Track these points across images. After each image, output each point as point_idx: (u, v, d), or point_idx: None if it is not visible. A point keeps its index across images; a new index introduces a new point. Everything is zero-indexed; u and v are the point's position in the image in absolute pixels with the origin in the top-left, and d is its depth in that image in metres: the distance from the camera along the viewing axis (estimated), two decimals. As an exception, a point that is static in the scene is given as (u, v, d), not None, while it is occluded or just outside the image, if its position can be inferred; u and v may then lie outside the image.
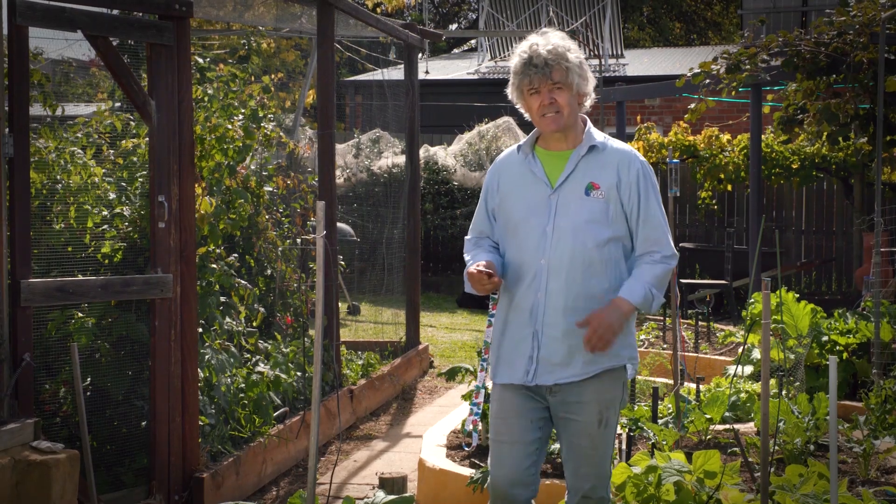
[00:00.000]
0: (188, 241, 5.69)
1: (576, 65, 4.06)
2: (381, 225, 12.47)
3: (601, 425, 4.08)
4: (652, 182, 4.14)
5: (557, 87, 4.05)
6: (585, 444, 4.08)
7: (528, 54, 4.06)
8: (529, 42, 4.09)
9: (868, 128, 10.08)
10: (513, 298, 4.15)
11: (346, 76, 23.91)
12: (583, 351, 4.03)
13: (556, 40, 4.08)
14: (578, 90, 4.09)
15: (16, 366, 4.96)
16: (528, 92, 4.08)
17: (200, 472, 5.75)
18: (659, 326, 11.22)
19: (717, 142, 15.05)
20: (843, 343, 7.76)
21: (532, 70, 4.04)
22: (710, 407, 6.60)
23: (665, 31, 34.23)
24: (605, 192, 4.06)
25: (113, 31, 5.43)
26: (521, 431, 4.11)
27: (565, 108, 4.06)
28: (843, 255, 15.30)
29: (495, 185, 4.25)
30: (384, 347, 9.99)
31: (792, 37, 9.68)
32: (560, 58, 4.03)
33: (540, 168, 4.15)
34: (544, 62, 4.02)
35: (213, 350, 6.32)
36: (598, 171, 4.10)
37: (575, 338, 4.03)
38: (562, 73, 4.03)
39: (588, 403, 4.06)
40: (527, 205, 4.12)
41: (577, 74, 4.07)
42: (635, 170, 4.10)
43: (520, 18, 22.35)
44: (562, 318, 4.05)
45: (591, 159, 4.12)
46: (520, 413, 4.12)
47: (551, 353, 4.06)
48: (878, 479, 5.76)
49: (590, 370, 4.06)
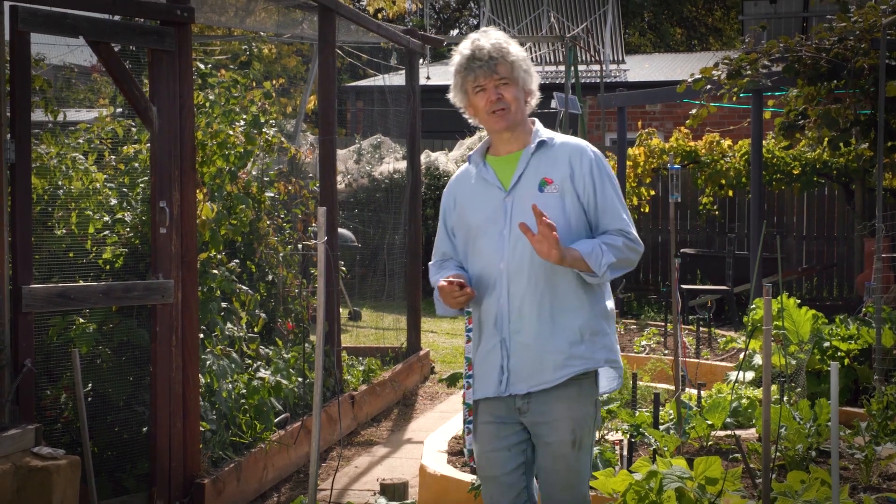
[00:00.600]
0: (189, 247, 5.69)
1: (521, 59, 3.95)
2: (383, 230, 12.47)
3: (575, 446, 3.90)
4: (606, 172, 3.97)
5: (504, 83, 3.92)
6: (560, 466, 3.92)
7: (471, 50, 3.94)
8: (470, 39, 3.97)
9: (869, 133, 10.08)
10: (480, 310, 4.00)
11: (347, 82, 23.94)
12: (553, 355, 3.87)
13: (497, 35, 3.96)
14: (524, 86, 3.97)
15: (17, 372, 4.96)
16: (474, 90, 3.94)
17: (201, 478, 5.75)
18: (660, 332, 11.22)
19: (719, 147, 15.06)
20: (844, 349, 7.75)
21: (476, 64, 3.91)
22: (711, 413, 6.59)
23: (666, 37, 34.25)
24: (558, 186, 3.91)
25: (115, 37, 5.44)
26: (502, 464, 3.97)
27: (513, 103, 3.93)
28: (845, 261, 15.30)
29: (451, 202, 4.12)
30: (385, 353, 9.99)
31: (793, 42, 9.68)
32: (504, 52, 3.92)
33: (492, 174, 4.00)
34: (488, 56, 3.90)
35: (214, 356, 6.32)
36: (549, 166, 3.95)
37: (543, 342, 3.88)
38: (507, 68, 3.91)
39: (559, 422, 3.88)
40: (483, 213, 3.98)
41: (522, 70, 3.95)
42: (588, 160, 3.94)
43: (521, 24, 22.37)
44: (528, 322, 3.90)
45: (541, 156, 3.97)
46: (496, 447, 3.97)
47: (521, 360, 3.91)
48: (879, 486, 5.76)
49: (561, 375, 3.88)
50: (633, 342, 11.05)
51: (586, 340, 3.92)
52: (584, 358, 3.91)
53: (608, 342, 3.99)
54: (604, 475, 4.90)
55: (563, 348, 3.89)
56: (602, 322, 3.98)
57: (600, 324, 3.97)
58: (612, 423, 6.53)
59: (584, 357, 3.91)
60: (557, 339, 3.89)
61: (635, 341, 10.98)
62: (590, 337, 3.93)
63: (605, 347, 3.97)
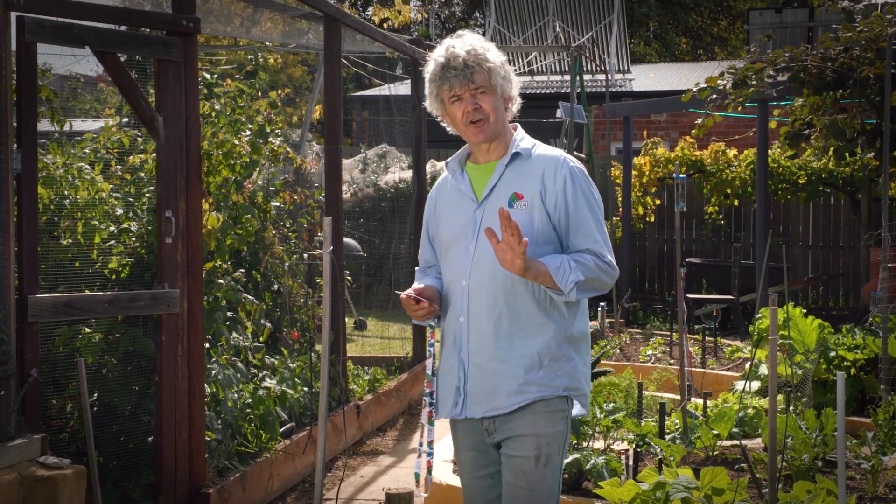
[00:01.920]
0: (195, 257, 5.69)
1: (498, 65, 3.72)
2: (388, 240, 12.49)
3: (539, 463, 3.65)
4: (583, 188, 3.70)
5: (481, 92, 3.70)
6: (521, 483, 3.66)
7: (445, 57, 3.70)
8: (444, 45, 3.74)
9: (875, 143, 10.08)
10: (444, 326, 3.83)
11: (352, 91, 23.97)
12: (507, 380, 3.65)
13: (473, 40, 3.73)
14: (503, 94, 3.74)
15: (23, 381, 4.96)
16: (450, 100, 3.72)
17: (207, 487, 5.74)
18: (666, 341, 11.21)
19: (724, 157, 15.07)
20: (850, 359, 7.74)
21: (451, 73, 3.68)
22: (717, 423, 6.58)
23: (671, 47, 34.28)
24: (528, 202, 3.67)
25: (121, 47, 5.45)
26: (484, 492, 3.82)
27: (491, 113, 3.71)
28: (851, 271, 15.29)
29: (432, 209, 3.95)
30: (391, 362, 9.99)
31: (798, 52, 9.69)
32: (480, 59, 3.69)
33: (468, 184, 3.81)
34: (463, 64, 3.67)
35: (219, 365, 6.32)
36: (521, 179, 3.71)
37: (498, 365, 3.67)
38: (484, 76, 3.69)
39: (524, 437, 3.66)
40: (456, 224, 3.80)
41: (500, 76, 3.72)
42: (562, 175, 3.68)
43: (526, 34, 22.39)
44: (484, 343, 3.68)
45: (515, 168, 3.74)
46: (478, 475, 3.83)
47: (476, 383, 3.71)
48: (886, 496, 5.74)
49: (516, 401, 3.65)
50: (638, 352, 11.04)
51: (545, 366, 3.67)
52: (540, 385, 3.66)
53: (570, 368, 3.71)
54: (610, 484, 4.90)
55: (519, 374, 3.66)
56: (566, 347, 3.70)
57: (563, 349, 3.69)
58: (617, 433, 6.53)
59: (540, 384, 3.66)
60: (513, 364, 3.67)
61: (641, 351, 10.97)
62: (549, 363, 3.67)
63: (565, 374, 3.69)
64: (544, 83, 22.11)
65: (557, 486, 3.73)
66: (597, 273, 3.64)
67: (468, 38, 3.76)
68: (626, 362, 10.31)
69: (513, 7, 22.65)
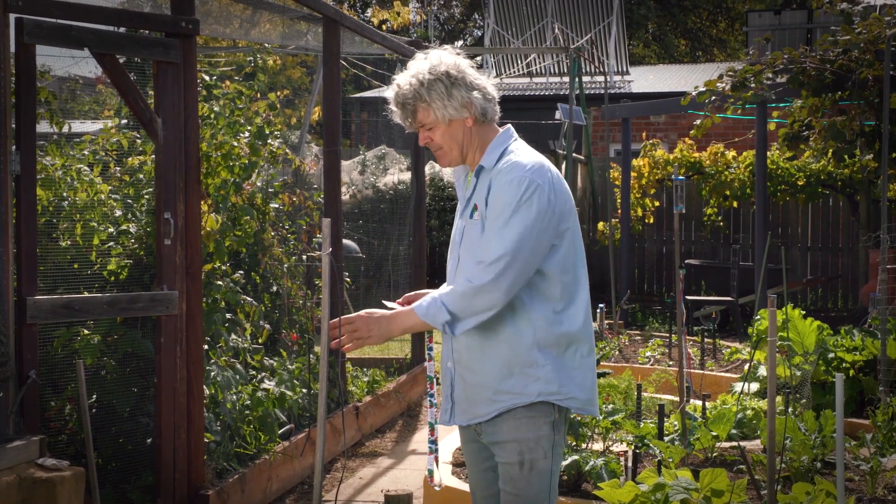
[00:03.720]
0: (194, 258, 5.69)
1: (439, 95, 3.60)
2: (387, 241, 12.48)
3: (523, 468, 3.63)
4: (517, 198, 3.54)
5: (427, 128, 3.67)
6: (509, 489, 3.66)
7: (392, 92, 3.68)
8: (396, 78, 3.68)
9: (874, 145, 10.08)
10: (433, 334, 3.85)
11: (351, 93, 23.98)
12: (482, 390, 3.65)
13: (417, 69, 3.63)
14: (455, 117, 3.64)
15: (22, 383, 4.96)
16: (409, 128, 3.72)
17: (206, 489, 5.74)
18: (665, 343, 11.21)
19: (723, 158, 15.07)
20: (849, 360, 7.74)
21: (398, 109, 3.67)
22: (716, 424, 6.58)
23: (670, 48, 34.29)
24: (480, 213, 3.64)
25: (120, 49, 5.45)
26: (487, 484, 3.83)
27: (445, 144, 3.68)
28: (849, 272, 15.30)
29: None
30: (390, 364, 9.98)
31: (797, 54, 9.69)
32: (418, 95, 3.61)
33: (462, 192, 3.82)
34: (403, 102, 3.64)
35: (218, 367, 6.32)
36: (481, 191, 3.67)
37: (474, 375, 3.67)
38: (426, 113, 3.63)
39: (507, 443, 3.66)
40: (454, 228, 3.86)
41: (441, 105, 3.61)
42: (501, 183, 3.58)
43: (525, 36, 22.41)
44: (464, 352, 3.69)
45: (482, 179, 3.70)
46: (480, 467, 3.84)
47: (461, 391, 3.73)
48: (885, 498, 5.74)
49: (490, 410, 3.63)
50: (637, 353, 11.04)
51: (516, 374, 3.61)
52: (512, 393, 3.61)
53: (544, 374, 3.60)
54: (609, 486, 4.90)
55: (491, 383, 3.64)
56: (535, 353, 3.59)
57: (532, 355, 3.59)
58: (616, 434, 6.53)
59: (512, 392, 3.61)
60: (485, 373, 3.65)
61: (640, 352, 10.97)
62: (520, 370, 3.60)
63: (539, 380, 3.59)
64: (543, 85, 22.12)
65: (547, 491, 3.69)
66: (469, 301, 3.54)
67: (414, 66, 3.67)
68: (625, 364, 10.31)
69: (512, 9, 22.66)
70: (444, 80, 3.62)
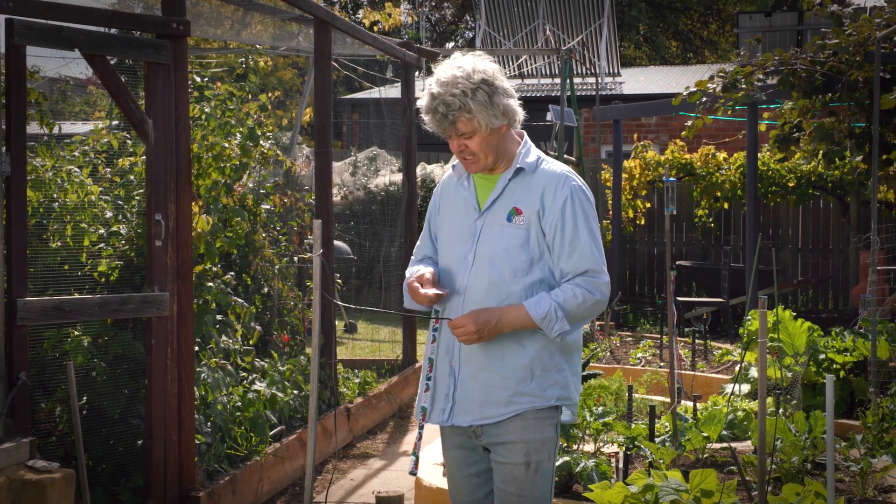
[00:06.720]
0: (185, 260, 5.69)
1: (482, 105, 3.63)
2: (378, 243, 12.48)
3: (529, 469, 3.69)
4: (583, 209, 3.69)
5: (466, 137, 3.68)
6: (513, 489, 3.69)
7: (429, 102, 3.67)
8: (430, 88, 3.67)
9: (864, 146, 10.10)
10: (440, 330, 3.85)
11: (343, 94, 23.97)
12: (499, 391, 3.68)
13: (457, 80, 3.63)
14: (495, 126, 3.68)
15: (11, 385, 4.95)
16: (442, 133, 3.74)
17: (197, 490, 5.73)
18: (656, 344, 11.22)
19: (714, 160, 15.09)
20: (840, 361, 7.76)
21: (437, 117, 3.67)
22: (707, 425, 6.59)
23: (661, 50, 34.33)
24: (526, 219, 3.69)
25: (110, 50, 5.44)
26: (472, 491, 3.85)
27: (480, 152, 3.70)
28: (840, 274, 15.32)
29: (436, 208, 3.96)
30: (381, 365, 9.98)
31: (788, 55, 9.71)
32: (462, 106, 3.62)
33: (472, 191, 3.83)
34: (445, 113, 3.64)
35: (209, 368, 6.31)
36: (523, 195, 3.73)
37: (490, 375, 3.70)
38: (467, 124, 3.65)
39: (513, 444, 3.69)
40: (457, 229, 3.82)
41: (485, 115, 3.65)
42: (562, 196, 3.68)
43: (516, 37, 22.41)
44: (477, 353, 3.71)
45: (518, 182, 3.75)
46: (465, 474, 3.85)
47: (466, 391, 3.73)
48: (875, 498, 5.75)
49: (506, 412, 3.68)
50: (628, 354, 11.05)
51: (536, 377, 3.70)
52: (532, 395, 3.69)
53: (561, 378, 3.73)
54: (599, 487, 4.90)
55: (510, 385, 3.69)
56: (557, 357, 3.73)
57: (555, 359, 3.72)
58: (607, 436, 6.53)
59: (532, 395, 3.69)
60: (505, 375, 3.69)
61: (631, 353, 10.98)
62: (541, 373, 3.70)
63: (556, 384, 3.72)
64: (534, 86, 22.13)
65: (549, 492, 3.75)
66: (583, 308, 3.66)
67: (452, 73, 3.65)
68: (616, 365, 10.32)
69: (503, 10, 22.66)
70: (485, 89, 3.65)
